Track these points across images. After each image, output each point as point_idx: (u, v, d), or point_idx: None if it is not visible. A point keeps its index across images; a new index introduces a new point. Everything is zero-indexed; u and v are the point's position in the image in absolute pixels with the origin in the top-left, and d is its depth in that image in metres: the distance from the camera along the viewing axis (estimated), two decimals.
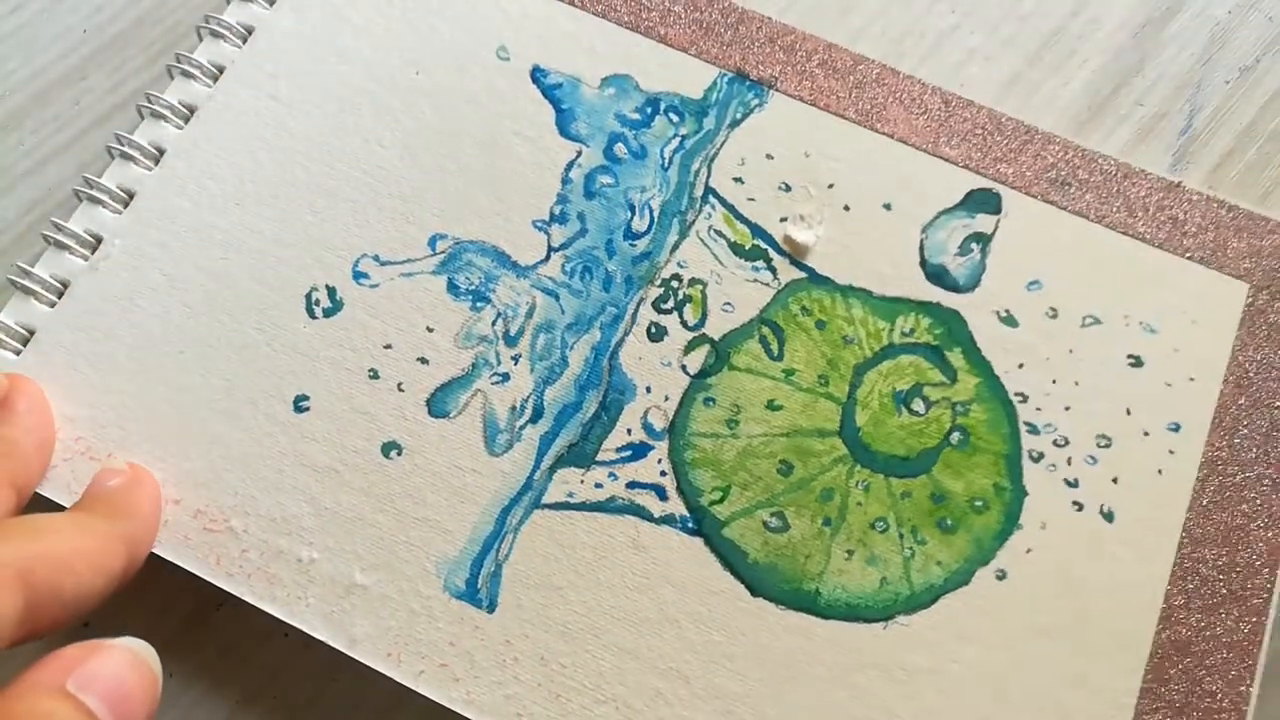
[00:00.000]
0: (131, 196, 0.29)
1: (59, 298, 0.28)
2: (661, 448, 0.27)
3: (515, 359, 0.28)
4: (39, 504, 0.26)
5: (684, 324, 0.28)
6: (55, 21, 0.32)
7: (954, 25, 0.32)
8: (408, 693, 0.25)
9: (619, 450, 0.27)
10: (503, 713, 0.25)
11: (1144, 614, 0.26)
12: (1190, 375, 0.28)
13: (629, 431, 0.28)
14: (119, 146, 0.29)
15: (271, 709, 0.27)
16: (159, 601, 0.28)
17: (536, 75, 0.30)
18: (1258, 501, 0.27)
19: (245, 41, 0.30)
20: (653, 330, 0.28)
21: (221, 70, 0.30)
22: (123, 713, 0.22)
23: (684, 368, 0.28)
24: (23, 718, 0.21)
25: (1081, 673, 0.26)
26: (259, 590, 0.26)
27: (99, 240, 0.28)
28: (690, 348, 0.28)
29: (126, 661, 0.23)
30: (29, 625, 0.22)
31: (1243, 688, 0.25)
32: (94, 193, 0.28)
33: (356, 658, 0.26)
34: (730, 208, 0.29)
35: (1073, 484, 0.27)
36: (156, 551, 0.26)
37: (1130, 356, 0.28)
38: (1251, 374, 0.28)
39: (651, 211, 0.29)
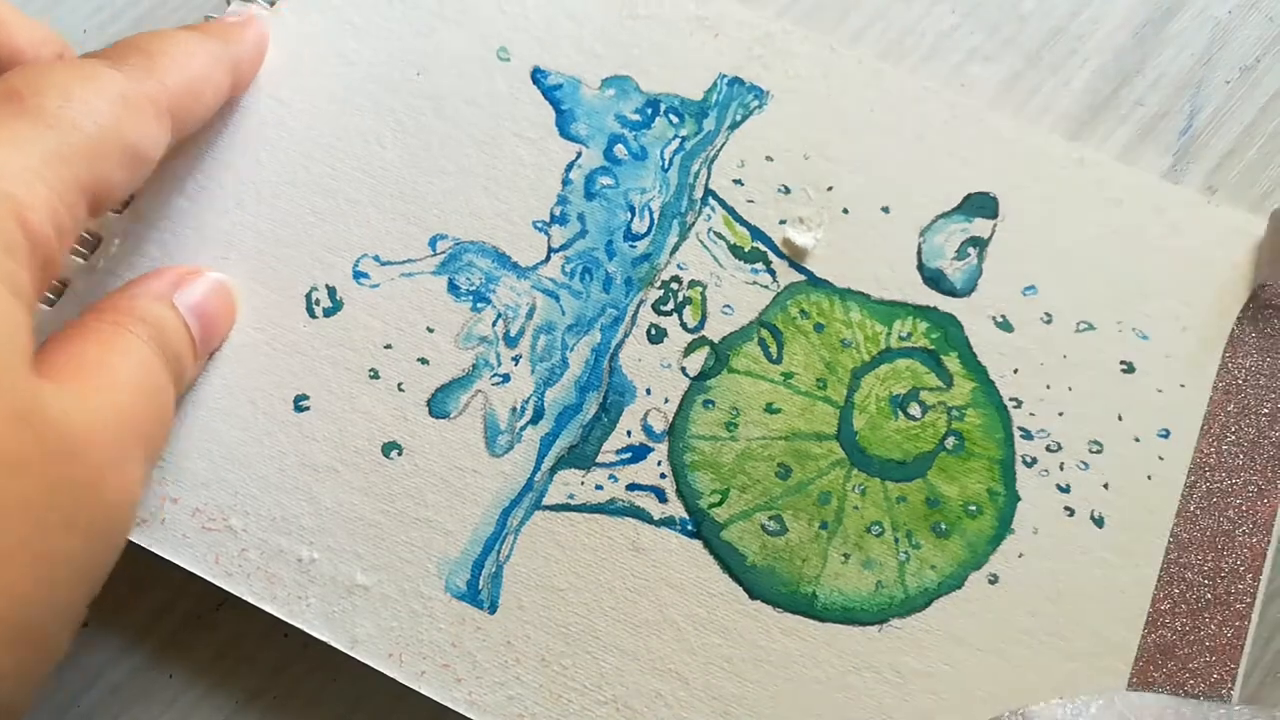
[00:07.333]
0: (131, 196, 0.29)
1: (58, 297, 0.28)
2: (661, 450, 0.28)
3: (516, 360, 0.28)
4: None
5: (684, 326, 0.28)
6: (55, 21, 0.32)
7: (954, 25, 0.32)
8: (408, 693, 0.26)
9: (619, 452, 0.28)
10: (505, 713, 0.26)
11: (1131, 618, 0.27)
12: (1181, 382, 0.28)
13: (629, 433, 0.28)
14: None
15: (271, 709, 0.27)
16: (159, 601, 0.28)
17: (537, 76, 0.30)
18: (1243, 507, 0.28)
19: None
20: (652, 332, 0.28)
21: None
22: (208, 330, 0.26)
23: (684, 370, 0.28)
24: (141, 313, 0.24)
25: (1069, 675, 0.26)
26: (259, 590, 0.26)
27: (98, 240, 0.28)
28: (690, 350, 0.28)
29: (216, 287, 0.27)
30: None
31: (1224, 691, 0.26)
32: None
33: (358, 658, 0.26)
34: (730, 210, 0.29)
35: (1064, 489, 0.27)
36: (154, 550, 0.26)
37: (1123, 362, 0.28)
38: (1240, 380, 0.28)
39: (651, 213, 0.29)
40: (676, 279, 0.29)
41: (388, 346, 0.28)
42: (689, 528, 0.27)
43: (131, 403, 0.22)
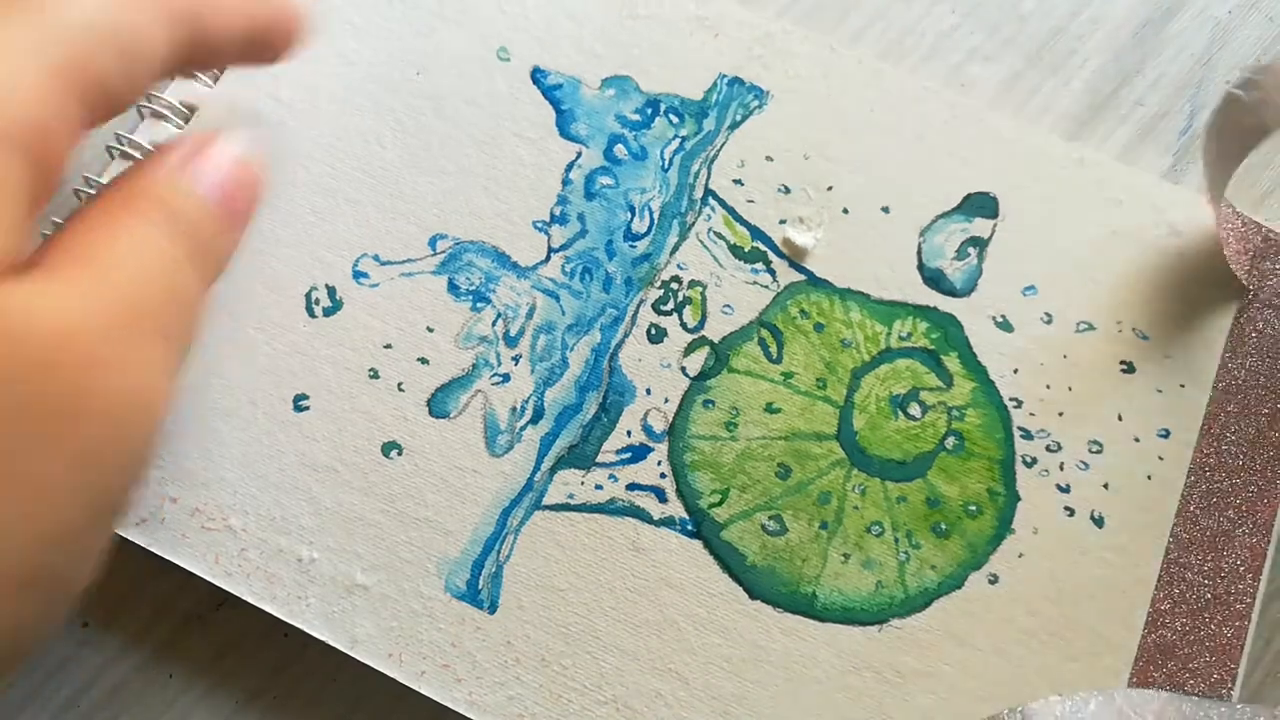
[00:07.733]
0: None
1: None
2: (661, 450, 0.28)
3: (516, 360, 0.28)
4: None
5: (683, 326, 0.28)
6: None
7: (954, 25, 0.32)
8: (408, 693, 0.26)
9: (619, 452, 0.28)
10: (505, 713, 0.26)
11: (1131, 618, 0.27)
12: (1181, 382, 0.28)
13: (629, 433, 0.28)
14: (119, 146, 0.28)
15: (271, 709, 0.27)
16: (159, 601, 0.28)
17: (537, 76, 0.30)
18: (1243, 508, 0.28)
19: None
20: (652, 332, 0.28)
21: (223, 70, 0.30)
22: (232, 202, 0.23)
23: (684, 370, 0.28)
24: (149, 191, 0.22)
25: (1069, 675, 0.26)
26: (258, 590, 0.26)
27: None
28: (690, 350, 0.28)
29: (239, 154, 0.24)
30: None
31: (1224, 691, 0.26)
32: (94, 192, 0.28)
33: (358, 658, 0.26)
34: (730, 210, 0.29)
35: (1064, 489, 0.27)
36: (153, 550, 0.26)
37: (1123, 363, 0.28)
38: (1240, 381, 0.28)
39: (651, 213, 0.29)
40: (676, 279, 0.29)
41: (388, 346, 0.28)
42: (689, 528, 0.27)
43: (137, 288, 0.20)
